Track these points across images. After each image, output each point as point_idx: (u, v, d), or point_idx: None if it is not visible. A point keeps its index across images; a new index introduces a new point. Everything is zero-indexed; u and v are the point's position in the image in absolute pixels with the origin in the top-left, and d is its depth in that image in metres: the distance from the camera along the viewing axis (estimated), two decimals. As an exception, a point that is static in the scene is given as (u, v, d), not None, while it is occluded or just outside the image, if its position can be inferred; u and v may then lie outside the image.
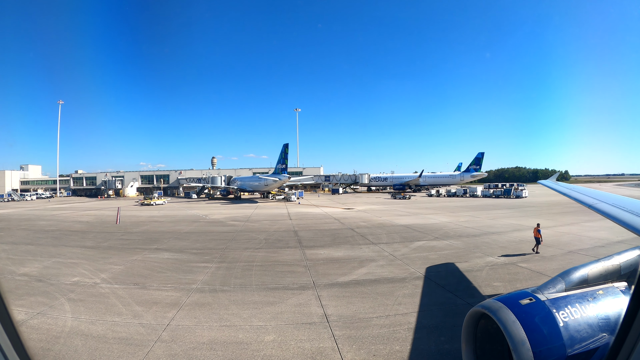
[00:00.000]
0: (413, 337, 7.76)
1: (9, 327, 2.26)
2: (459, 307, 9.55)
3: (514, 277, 12.24)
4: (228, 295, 10.82)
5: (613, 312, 3.68)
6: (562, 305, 3.67)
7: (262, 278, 12.79)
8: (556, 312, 3.59)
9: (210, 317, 9.12)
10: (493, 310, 3.68)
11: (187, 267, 14.64)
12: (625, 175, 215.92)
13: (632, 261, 4.50)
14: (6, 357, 2.21)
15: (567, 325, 3.50)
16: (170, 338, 7.93)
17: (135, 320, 9.14)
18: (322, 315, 9.19)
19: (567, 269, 4.25)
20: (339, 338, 7.79)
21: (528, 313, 3.57)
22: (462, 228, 24.29)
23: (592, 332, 3.53)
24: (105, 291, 11.76)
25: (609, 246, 16.61)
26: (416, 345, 7.39)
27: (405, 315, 9.08)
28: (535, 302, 3.72)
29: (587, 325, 3.56)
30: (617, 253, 4.64)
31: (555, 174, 34.78)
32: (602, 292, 3.91)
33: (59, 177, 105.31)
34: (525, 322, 3.44)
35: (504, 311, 3.59)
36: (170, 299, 10.58)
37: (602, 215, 6.30)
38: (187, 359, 6.94)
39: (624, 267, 4.41)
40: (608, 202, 6.82)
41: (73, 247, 20.34)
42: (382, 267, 14.01)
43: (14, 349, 2.26)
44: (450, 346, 7.33)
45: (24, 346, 2.35)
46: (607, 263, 4.39)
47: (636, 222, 5.36)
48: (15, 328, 2.31)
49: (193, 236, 23.46)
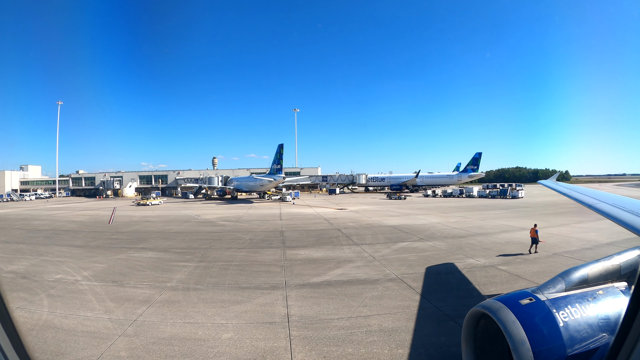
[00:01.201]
0: (368, 341, 7.79)
1: (9, 327, 2.27)
2: (426, 310, 9.56)
3: (490, 280, 12.25)
4: (199, 294, 11.18)
5: (613, 312, 3.68)
6: (562, 305, 3.66)
7: (237, 277, 13.12)
8: (556, 312, 3.59)
9: (177, 314, 9.49)
10: (493, 310, 3.68)
11: (167, 266, 15.05)
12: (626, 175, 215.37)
13: (632, 261, 4.50)
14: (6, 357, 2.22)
15: (567, 325, 3.50)
16: (134, 333, 8.33)
17: (106, 315, 9.57)
18: (285, 315, 9.37)
19: (567, 269, 4.25)
20: (295, 338, 7.94)
21: (528, 313, 3.57)
22: (449, 229, 24.35)
23: (592, 332, 3.53)
24: (83, 288, 12.21)
25: (597, 248, 16.65)
26: (369, 349, 7.43)
27: (367, 317, 9.13)
28: (535, 302, 3.72)
29: (587, 325, 3.55)
30: (617, 253, 4.64)
31: (556, 174, 34.48)
32: (602, 292, 3.91)
33: (58, 178, 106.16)
34: (525, 322, 3.45)
35: (504, 311, 3.59)
36: (143, 296, 10.98)
37: (602, 215, 6.31)
38: (145, 353, 7.32)
39: (624, 267, 4.41)
40: (608, 202, 6.82)
41: (62, 246, 20.82)
42: (358, 269, 14.12)
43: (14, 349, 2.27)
44: (404, 351, 7.33)
45: (24, 346, 2.35)
46: (607, 263, 4.39)
47: (636, 222, 5.36)
48: (15, 328, 2.31)
49: (180, 236, 23.88)
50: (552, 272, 12.33)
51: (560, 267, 13.33)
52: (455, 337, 7.61)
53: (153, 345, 7.62)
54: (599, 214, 6.45)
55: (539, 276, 12.09)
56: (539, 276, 12.09)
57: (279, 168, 60.52)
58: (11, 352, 2.24)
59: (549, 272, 12.46)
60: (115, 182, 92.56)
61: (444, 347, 7.42)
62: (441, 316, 9.08)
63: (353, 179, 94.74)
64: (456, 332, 7.85)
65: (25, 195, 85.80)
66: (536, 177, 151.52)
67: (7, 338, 2.23)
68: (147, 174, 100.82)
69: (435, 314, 9.23)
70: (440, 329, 8.35)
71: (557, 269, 12.87)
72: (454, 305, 9.80)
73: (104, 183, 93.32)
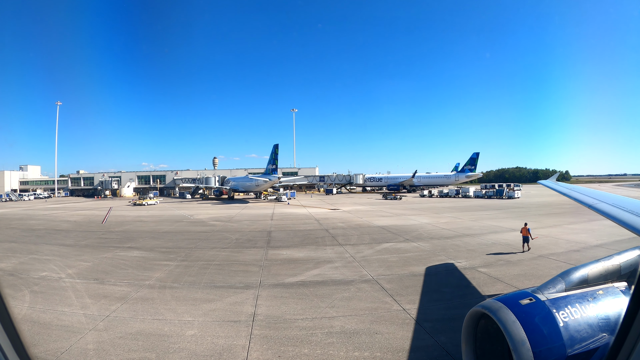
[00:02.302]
0: (327, 342, 7.83)
1: (9, 327, 2.27)
2: (393, 312, 9.50)
3: (467, 282, 12.15)
4: (173, 292, 11.58)
5: (613, 312, 3.69)
6: (562, 305, 3.67)
7: (214, 277, 13.48)
8: (556, 312, 3.60)
9: (148, 310, 9.89)
10: (493, 310, 3.69)
11: (149, 265, 15.46)
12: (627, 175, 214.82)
13: (632, 261, 4.50)
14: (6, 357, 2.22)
15: (567, 325, 3.51)
16: (104, 327, 8.74)
17: (81, 310, 10.02)
18: (251, 314, 9.54)
19: (567, 269, 4.27)
20: (255, 337, 8.11)
21: (528, 313, 3.59)
22: (438, 229, 24.42)
23: (592, 332, 3.54)
24: (66, 285, 12.67)
25: (584, 250, 16.48)
26: (325, 350, 7.47)
27: (331, 319, 9.16)
28: (535, 302, 3.73)
29: (587, 325, 3.56)
30: (617, 253, 4.64)
31: (556, 174, 34.10)
32: (602, 292, 3.92)
33: (57, 178, 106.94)
34: (525, 322, 3.46)
35: (504, 311, 3.60)
36: (120, 294, 11.40)
37: (602, 215, 6.29)
38: (110, 346, 7.73)
39: (624, 267, 4.41)
40: (608, 202, 6.79)
41: (53, 245, 21.29)
42: (335, 269, 14.24)
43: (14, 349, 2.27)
44: (360, 354, 7.28)
45: (24, 346, 2.36)
46: (607, 263, 4.38)
47: (636, 222, 5.33)
48: (15, 328, 2.31)
49: (169, 235, 24.32)
50: (532, 275, 12.58)
51: (543, 270, 13.08)
52: (417, 341, 7.80)
53: (119, 340, 8.02)
54: (599, 214, 6.46)
55: (518, 279, 12.09)
56: (518, 279, 12.09)
57: (274, 168, 61.04)
58: (11, 352, 2.24)
59: (529, 275, 12.55)
60: (114, 182, 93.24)
61: (401, 352, 7.35)
62: (407, 319, 9.02)
63: (350, 179, 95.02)
64: (419, 336, 8.01)
65: (24, 196, 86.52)
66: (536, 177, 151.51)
67: (7, 338, 2.24)
68: (146, 174, 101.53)
69: (402, 317, 9.18)
70: (403, 332, 8.28)
71: (539, 272, 12.89)
72: (423, 307, 9.79)
73: (102, 183, 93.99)
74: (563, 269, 12.48)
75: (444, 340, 7.76)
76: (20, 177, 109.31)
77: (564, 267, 12.86)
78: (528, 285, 10.97)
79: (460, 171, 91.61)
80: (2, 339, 2.21)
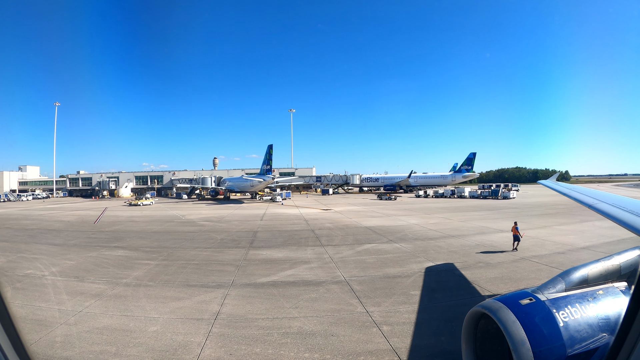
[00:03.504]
0: (281, 342, 7.94)
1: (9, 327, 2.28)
2: (355, 315, 9.51)
3: (440, 285, 12.15)
4: (147, 290, 12.04)
5: (613, 312, 3.70)
6: (562, 305, 3.69)
7: (190, 276, 13.88)
8: (556, 312, 3.61)
9: (118, 307, 10.36)
10: (493, 310, 3.70)
11: (130, 264, 15.94)
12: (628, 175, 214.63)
13: (632, 261, 4.51)
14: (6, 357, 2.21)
15: (567, 325, 3.53)
16: (75, 322, 9.24)
17: (57, 306, 10.56)
18: (215, 312, 9.76)
19: (567, 269, 4.28)
20: (212, 335, 8.32)
21: (528, 313, 3.60)
22: (425, 230, 24.39)
23: (592, 332, 3.55)
24: (47, 282, 13.22)
25: (569, 253, 16.35)
26: (277, 350, 7.61)
27: (292, 319, 9.28)
28: (535, 302, 3.74)
29: (587, 325, 3.57)
30: (617, 253, 4.64)
31: (555, 174, 33.68)
32: (602, 292, 3.93)
33: (55, 178, 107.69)
34: (525, 322, 3.47)
35: (504, 311, 3.62)
36: (96, 291, 11.89)
37: (602, 215, 6.30)
38: (76, 339, 8.22)
39: (624, 267, 4.42)
40: (608, 202, 6.78)
41: (42, 244, 21.85)
42: (310, 270, 14.39)
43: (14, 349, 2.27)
44: (310, 355, 7.35)
45: (24, 346, 2.36)
46: (607, 263, 4.39)
47: (636, 222, 5.32)
48: (15, 328, 2.32)
49: (156, 235, 24.84)
50: (508, 279, 12.52)
51: (521, 274, 13.03)
52: (371, 344, 7.81)
53: (86, 333, 8.51)
54: (599, 214, 6.46)
55: (493, 282, 12.05)
56: (493, 282, 12.05)
57: (268, 169, 61.64)
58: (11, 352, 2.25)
59: (505, 279, 12.44)
60: (111, 183, 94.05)
61: (352, 356, 7.34)
62: (367, 322, 9.00)
63: (347, 179, 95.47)
64: (373, 340, 8.00)
65: (23, 196, 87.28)
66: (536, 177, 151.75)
67: (7, 338, 2.24)
68: (143, 175, 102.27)
69: (362, 319, 9.19)
70: (359, 335, 8.24)
71: (517, 275, 12.88)
72: (386, 310, 9.75)
73: (100, 184, 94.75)
74: (543, 272, 12.86)
75: (398, 345, 7.73)
76: (19, 177, 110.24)
77: (544, 271, 13.29)
78: (502, 289, 11.16)
79: (457, 171, 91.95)
80: (2, 339, 2.22)
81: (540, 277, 12.38)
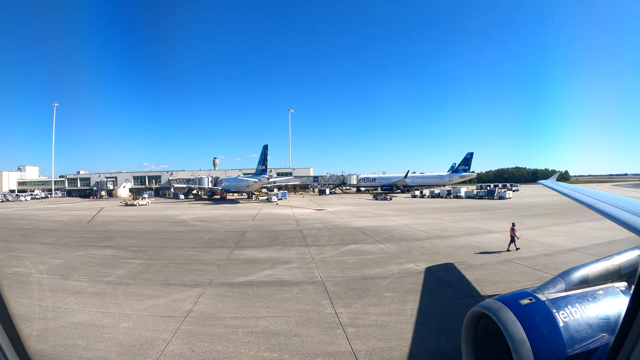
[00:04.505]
0: (243, 341, 8.04)
1: (9, 327, 2.29)
2: (323, 315, 9.49)
3: (416, 287, 11.85)
4: (126, 288, 12.47)
5: (613, 312, 3.70)
6: (562, 305, 3.69)
7: (170, 275, 14.26)
8: (556, 312, 3.61)
9: (96, 304, 10.82)
10: (493, 310, 3.71)
11: (115, 263, 16.41)
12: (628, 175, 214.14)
13: (632, 261, 4.51)
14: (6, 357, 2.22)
15: (567, 325, 3.53)
16: (53, 317, 9.71)
17: (38, 302, 11.03)
18: (187, 311, 9.96)
19: (567, 269, 4.28)
20: (179, 332, 8.52)
21: (528, 313, 3.60)
22: (413, 231, 24.29)
23: (592, 332, 3.55)
24: (33, 280, 13.74)
25: (556, 255, 15.99)
26: (238, 349, 7.67)
27: (259, 318, 9.38)
28: (535, 302, 3.74)
29: (587, 325, 3.57)
30: (617, 253, 4.63)
31: (555, 174, 33.32)
32: (602, 292, 3.93)
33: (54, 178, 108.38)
34: (525, 322, 3.48)
35: (504, 311, 3.62)
36: (78, 288, 12.35)
37: (602, 215, 6.31)
38: (51, 333, 8.68)
39: (624, 267, 4.42)
40: (608, 202, 6.77)
41: (34, 243, 22.38)
42: (289, 270, 14.47)
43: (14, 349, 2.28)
44: (269, 354, 7.42)
45: (24, 346, 2.37)
46: (607, 263, 4.39)
47: (636, 222, 5.33)
48: (15, 328, 2.33)
49: (146, 235, 25.31)
50: (488, 281, 12.20)
51: (502, 276, 12.74)
52: (331, 346, 7.82)
53: (61, 328, 8.97)
54: (599, 214, 6.48)
55: (472, 285, 11.85)
56: (472, 285, 11.85)
57: (263, 169, 62.21)
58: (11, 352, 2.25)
59: (484, 282, 12.26)
60: (109, 183, 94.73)
61: (309, 357, 7.29)
62: (334, 323, 9.00)
63: (344, 179, 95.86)
64: (335, 341, 7.99)
65: (21, 196, 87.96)
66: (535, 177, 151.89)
67: (7, 338, 2.25)
68: (141, 175, 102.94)
69: (329, 321, 9.19)
70: (322, 337, 8.22)
71: (497, 277, 12.68)
72: (356, 312, 9.76)
73: (98, 184, 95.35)
74: (525, 274, 13.19)
75: (359, 347, 7.65)
76: (18, 177, 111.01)
77: (526, 273, 13.41)
78: (479, 292, 11.10)
79: (455, 171, 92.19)
80: (2, 339, 2.22)
81: (521, 280, 12.32)
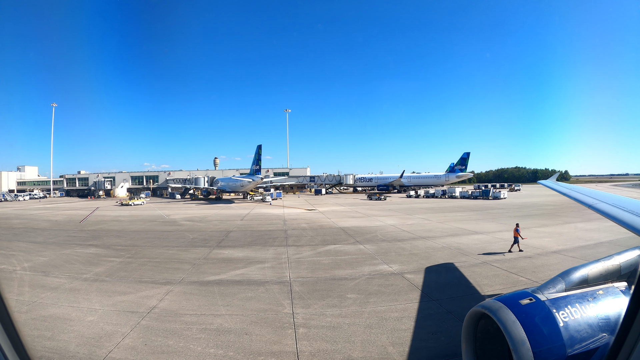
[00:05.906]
0: (195, 337, 8.25)
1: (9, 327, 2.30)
2: (280, 315, 9.63)
3: (382, 289, 11.73)
4: (100, 285, 13.08)
5: (613, 312, 3.72)
6: (562, 305, 3.70)
7: (146, 273, 14.77)
8: (556, 312, 3.62)
9: (68, 299, 11.43)
10: (493, 310, 3.72)
11: (97, 261, 17.06)
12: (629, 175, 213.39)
13: (632, 261, 4.52)
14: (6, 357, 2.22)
15: (567, 325, 3.54)
16: (26, 310, 10.35)
17: (16, 297, 11.63)
18: (151, 307, 10.29)
19: (567, 269, 4.28)
20: (137, 326, 8.89)
21: (528, 313, 3.61)
22: (397, 231, 24.29)
23: (592, 332, 3.56)
24: (16, 276, 14.40)
25: (537, 257, 15.83)
26: (187, 344, 7.93)
27: (217, 316, 9.55)
28: (535, 302, 3.75)
29: (587, 325, 3.58)
30: (617, 253, 4.63)
31: (555, 174, 33.01)
32: (602, 292, 3.94)
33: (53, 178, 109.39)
34: (525, 322, 3.49)
35: (504, 311, 3.63)
36: (56, 284, 13.01)
37: (602, 215, 6.33)
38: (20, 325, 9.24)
39: (624, 267, 4.43)
40: (608, 202, 6.77)
41: (23, 242, 23.09)
42: (260, 270, 14.65)
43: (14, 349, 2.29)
44: (215, 351, 7.59)
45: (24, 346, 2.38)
46: (607, 263, 4.39)
47: (636, 222, 5.34)
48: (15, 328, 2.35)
49: (133, 234, 25.98)
50: (459, 285, 12.11)
51: (476, 280, 12.56)
52: (278, 345, 7.95)
53: (31, 321, 9.61)
54: (599, 214, 6.53)
55: (440, 288, 11.94)
56: (440, 288, 11.94)
57: (258, 169, 62.98)
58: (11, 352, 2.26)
59: (454, 285, 12.30)
60: (107, 183, 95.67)
61: (252, 355, 7.42)
62: (288, 323, 9.11)
63: (340, 179, 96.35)
64: (282, 341, 8.08)
65: (20, 196, 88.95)
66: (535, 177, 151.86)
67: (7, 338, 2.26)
68: (139, 175, 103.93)
69: (284, 321, 9.31)
70: (271, 336, 8.39)
71: (475, 280, 12.53)
72: (312, 313, 9.84)
73: (96, 184, 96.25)
74: (499, 277, 13.55)
75: (304, 348, 7.71)
76: (17, 177, 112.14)
77: (500, 276, 13.52)
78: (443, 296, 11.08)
79: (451, 171, 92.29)
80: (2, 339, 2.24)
81: (493, 283, 12.14)
